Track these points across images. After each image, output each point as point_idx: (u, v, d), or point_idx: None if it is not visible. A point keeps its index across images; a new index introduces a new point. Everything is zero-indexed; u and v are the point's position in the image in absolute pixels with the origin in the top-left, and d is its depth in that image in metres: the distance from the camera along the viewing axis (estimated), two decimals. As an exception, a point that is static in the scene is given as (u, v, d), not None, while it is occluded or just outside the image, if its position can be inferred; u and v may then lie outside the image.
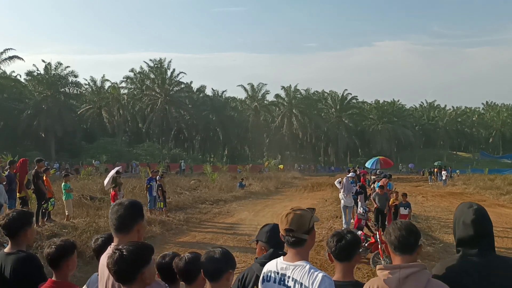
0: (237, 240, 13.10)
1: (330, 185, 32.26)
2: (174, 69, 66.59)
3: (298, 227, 2.33)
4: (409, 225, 2.40)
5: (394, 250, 2.35)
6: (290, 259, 2.37)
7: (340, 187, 14.49)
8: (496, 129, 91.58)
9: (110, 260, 2.10)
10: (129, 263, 2.09)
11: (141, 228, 2.51)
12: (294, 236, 2.34)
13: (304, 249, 2.37)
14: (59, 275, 2.84)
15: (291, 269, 2.32)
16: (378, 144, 72.67)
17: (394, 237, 2.35)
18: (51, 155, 52.48)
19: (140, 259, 2.14)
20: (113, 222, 2.47)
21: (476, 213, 2.46)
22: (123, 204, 2.50)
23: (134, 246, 2.15)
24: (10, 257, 3.04)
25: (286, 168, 55.71)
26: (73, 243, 2.94)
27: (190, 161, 57.99)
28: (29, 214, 3.23)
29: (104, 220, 13.30)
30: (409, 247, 2.32)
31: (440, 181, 35.56)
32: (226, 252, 2.59)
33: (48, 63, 55.94)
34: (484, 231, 2.43)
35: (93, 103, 64.36)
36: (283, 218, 2.40)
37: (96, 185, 22.74)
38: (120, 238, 2.44)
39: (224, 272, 2.50)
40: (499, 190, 25.94)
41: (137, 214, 2.51)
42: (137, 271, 2.12)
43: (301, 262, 2.31)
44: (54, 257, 2.80)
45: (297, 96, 74.49)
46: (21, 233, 3.08)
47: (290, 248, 2.39)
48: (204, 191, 25.20)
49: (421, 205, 21.20)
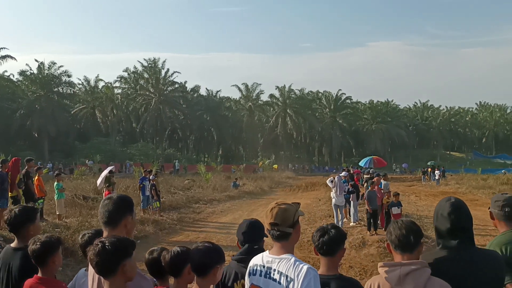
0: (231, 240, 13.08)
1: (324, 185, 32.34)
2: (168, 69, 66.59)
3: (282, 221, 2.36)
4: (409, 224, 2.42)
5: (395, 249, 2.39)
6: (275, 252, 2.39)
7: (332, 186, 14.54)
8: (489, 129, 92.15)
9: (92, 251, 2.11)
10: (110, 254, 2.09)
11: (129, 223, 2.52)
12: (279, 230, 2.36)
13: (289, 243, 2.39)
14: (45, 271, 2.83)
15: (276, 262, 2.34)
16: (372, 144, 72.86)
17: (394, 236, 2.38)
18: (44, 155, 52.27)
19: (121, 251, 2.13)
20: (101, 215, 2.50)
21: (453, 206, 2.49)
22: (112, 198, 2.53)
23: (116, 238, 2.16)
24: (18, 252, 3.06)
25: (280, 168, 55.77)
26: (58, 239, 2.93)
27: (184, 161, 57.91)
28: (33, 210, 3.25)
29: (97, 220, 13.24)
30: (409, 245, 2.34)
31: (433, 181, 35.74)
32: (214, 247, 2.60)
33: (41, 63, 55.76)
34: (461, 224, 2.47)
35: (86, 103, 64.15)
36: (268, 212, 2.43)
37: (89, 184, 22.68)
38: (108, 231, 2.46)
39: (211, 267, 2.52)
40: (491, 190, 26.05)
41: (126, 208, 2.52)
42: (118, 263, 2.11)
43: (286, 255, 2.33)
44: (39, 253, 2.78)
45: (291, 96, 74.54)
46: (25, 229, 3.10)
47: (275, 242, 2.41)
48: (198, 191, 25.21)
49: (414, 205, 21.26)
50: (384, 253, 11.45)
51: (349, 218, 15.46)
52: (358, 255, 11.35)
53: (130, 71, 67.59)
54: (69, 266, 8.81)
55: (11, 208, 3.19)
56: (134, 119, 67.54)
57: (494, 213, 3.00)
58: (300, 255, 10.22)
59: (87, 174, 32.60)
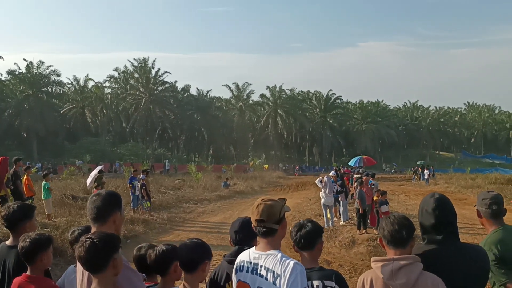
0: (221, 239, 13.10)
1: (314, 184, 32.43)
2: (159, 68, 66.19)
3: (268, 217, 2.36)
4: (401, 219, 2.44)
5: (388, 244, 2.41)
6: (262, 248, 2.41)
7: (321, 186, 14.60)
8: (478, 129, 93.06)
9: (81, 248, 2.10)
10: (100, 250, 2.09)
11: (117, 219, 2.52)
12: (265, 226, 2.37)
13: (275, 239, 2.40)
14: (34, 269, 2.81)
15: (263, 258, 2.35)
16: (362, 144, 73.18)
17: (387, 232, 2.40)
18: (33, 155, 51.83)
19: (111, 246, 2.15)
20: (90, 211, 2.50)
21: (437, 201, 2.53)
22: (101, 194, 2.52)
23: (103, 234, 2.17)
24: (13, 249, 3.04)
25: (271, 168, 55.81)
26: (48, 237, 2.92)
27: (175, 161, 57.71)
28: (31, 207, 3.25)
29: (86, 220, 13.17)
30: (401, 240, 2.36)
31: (422, 180, 35.96)
32: (202, 243, 2.61)
33: (30, 62, 55.29)
34: (445, 219, 2.50)
35: (76, 102, 63.66)
36: (254, 209, 2.43)
37: (78, 184, 22.56)
38: (97, 228, 2.46)
39: (199, 263, 2.53)
40: (480, 189, 26.21)
41: (114, 204, 2.52)
42: (109, 258, 2.13)
43: (272, 251, 2.35)
44: (29, 251, 2.76)
45: (282, 96, 74.62)
46: (21, 226, 3.10)
47: (261, 238, 2.43)
48: (189, 190, 25.17)
49: (403, 204, 21.42)
50: (373, 251, 11.52)
51: (339, 217, 15.52)
52: (348, 253, 11.41)
53: (120, 71, 67.16)
54: (58, 265, 8.75)
55: (9, 204, 3.17)
56: (124, 119, 67.19)
57: (482, 211, 3.03)
58: (290, 254, 10.25)
59: (77, 174, 32.38)
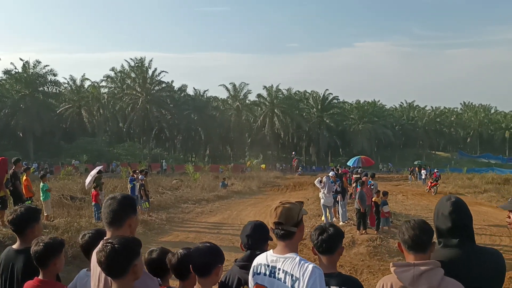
0: (221, 240, 13.11)
1: (312, 184, 32.46)
2: (155, 68, 65.98)
3: (286, 220, 2.37)
4: (421, 224, 2.42)
5: (408, 249, 2.39)
6: (279, 251, 2.40)
7: (320, 186, 14.61)
8: (474, 129, 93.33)
9: (101, 253, 2.09)
10: (121, 256, 2.09)
11: (133, 222, 2.53)
12: (283, 229, 2.37)
13: (293, 242, 2.40)
14: (46, 274, 2.79)
15: (281, 261, 2.35)
16: (359, 143, 73.27)
17: (407, 236, 2.39)
18: (29, 155, 51.62)
19: (132, 251, 2.14)
20: (105, 215, 2.49)
21: (454, 205, 2.53)
22: (116, 198, 2.51)
23: (124, 239, 2.16)
24: (21, 254, 3.03)
25: (268, 167, 55.77)
26: (61, 241, 2.90)
27: (172, 161, 57.58)
28: (37, 210, 3.24)
29: (86, 220, 13.19)
30: (422, 245, 2.35)
31: (419, 180, 36.06)
32: (215, 247, 2.60)
33: (26, 62, 55.04)
34: (461, 222, 2.50)
35: (72, 102, 63.28)
36: (272, 211, 2.43)
37: (76, 185, 22.49)
38: (112, 231, 2.45)
39: (213, 267, 2.52)
40: (477, 189, 26.43)
41: (129, 208, 2.53)
42: (129, 263, 2.12)
43: (291, 254, 2.35)
44: (41, 255, 2.74)
45: (279, 96, 74.55)
46: (29, 229, 3.08)
47: (279, 241, 2.42)
48: (186, 190, 25.12)
49: (401, 204, 21.47)
50: (373, 252, 11.57)
51: (338, 218, 15.54)
52: (348, 254, 11.43)
53: (117, 70, 66.93)
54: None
55: (15, 208, 3.16)
56: (121, 119, 66.92)
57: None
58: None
59: (74, 174, 32.29)
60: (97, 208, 14.02)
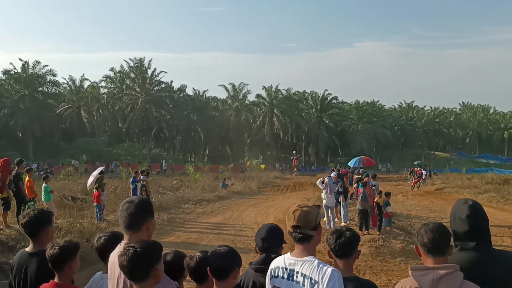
0: (222, 240, 13.12)
1: (311, 184, 32.47)
2: (155, 68, 66.15)
3: (305, 224, 2.39)
4: (440, 227, 2.41)
5: (427, 253, 2.37)
6: (297, 254, 2.42)
7: (322, 187, 14.62)
8: (473, 129, 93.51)
9: (124, 257, 2.11)
10: (143, 260, 2.12)
11: (151, 226, 2.55)
12: (301, 232, 2.39)
13: (311, 245, 2.42)
14: (61, 277, 2.80)
15: (299, 265, 2.36)
16: (358, 144, 73.33)
17: (427, 240, 2.36)
18: (29, 155, 51.54)
19: (154, 255, 2.17)
20: (123, 219, 2.50)
21: (471, 208, 2.53)
22: (133, 202, 2.53)
23: (146, 243, 2.18)
24: (34, 257, 3.03)
25: (268, 168, 55.78)
26: (76, 244, 2.91)
27: (171, 161, 57.61)
28: (50, 213, 3.25)
29: (88, 221, 13.19)
30: (441, 249, 2.34)
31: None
32: (233, 251, 2.62)
33: (25, 62, 55.03)
34: (479, 226, 2.51)
35: (72, 102, 63.34)
36: (290, 214, 2.45)
37: (77, 185, 22.50)
38: (130, 235, 2.46)
39: (231, 270, 2.54)
40: (477, 189, 26.42)
41: (147, 212, 2.54)
42: (151, 268, 2.15)
43: (309, 258, 2.36)
44: (58, 258, 2.75)
45: (278, 96, 74.60)
46: (43, 231, 3.08)
47: (297, 244, 2.44)
48: (187, 191, 25.11)
49: (402, 204, 21.49)
50: (376, 252, 11.57)
51: (340, 218, 15.56)
52: (350, 254, 11.42)
53: (116, 71, 67.01)
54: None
55: (28, 211, 3.17)
56: (120, 119, 66.93)
57: None
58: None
59: (74, 174, 32.31)
60: (99, 209, 14.04)
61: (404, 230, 13.95)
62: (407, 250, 11.80)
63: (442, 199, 24.12)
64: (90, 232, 11.43)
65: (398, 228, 13.97)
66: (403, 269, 10.46)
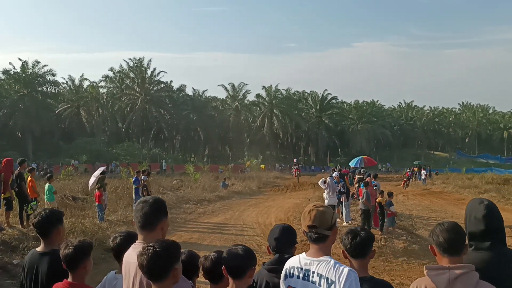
0: (224, 240, 13.12)
1: (312, 184, 32.47)
2: (154, 68, 66.10)
3: (321, 223, 2.39)
4: (455, 227, 2.39)
5: (443, 252, 2.36)
6: (313, 254, 2.42)
7: (324, 187, 14.63)
8: (472, 129, 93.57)
9: (143, 257, 2.12)
10: (163, 259, 2.13)
11: (165, 225, 2.56)
12: (317, 232, 2.39)
13: (326, 245, 2.42)
14: (75, 276, 2.80)
15: (315, 265, 2.36)
16: (358, 143, 73.36)
17: (443, 239, 2.35)
18: (28, 155, 51.40)
19: (173, 255, 2.18)
20: (138, 219, 2.51)
21: (487, 208, 2.54)
22: (148, 201, 2.54)
23: (165, 243, 2.19)
24: (45, 256, 3.03)
25: (267, 168, 55.79)
26: (90, 243, 2.92)
27: (171, 161, 57.60)
28: (60, 212, 3.25)
29: (90, 221, 13.18)
30: (457, 248, 2.33)
31: (419, 180, 36.13)
32: (248, 249, 2.62)
33: (25, 62, 54.98)
34: (495, 225, 2.52)
35: (71, 102, 63.28)
36: (305, 214, 2.45)
37: (77, 185, 22.46)
38: (145, 235, 2.47)
39: (247, 269, 2.54)
40: (477, 189, 26.45)
41: (162, 211, 2.55)
42: (170, 267, 2.16)
43: (325, 257, 2.36)
44: (72, 258, 2.75)
45: (278, 96, 74.60)
46: (54, 231, 3.08)
47: (312, 244, 2.44)
48: (187, 191, 25.10)
49: (402, 204, 21.49)
50: (378, 252, 11.58)
51: (342, 218, 15.56)
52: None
53: (116, 71, 66.97)
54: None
55: (39, 211, 3.17)
56: (120, 119, 66.89)
57: None
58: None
59: (73, 174, 32.28)
60: (101, 209, 14.02)
61: (406, 230, 13.97)
62: (409, 250, 11.82)
63: (443, 199, 24.15)
64: (92, 232, 11.41)
65: (400, 228, 13.99)
66: (406, 269, 10.49)
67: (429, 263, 9.73)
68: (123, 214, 15.49)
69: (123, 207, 16.68)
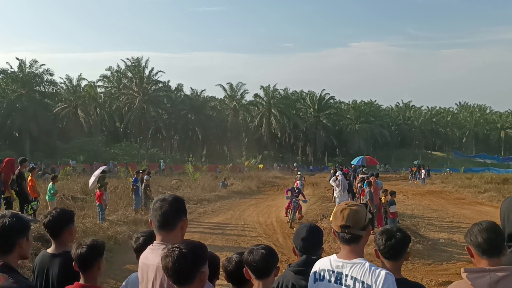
0: (226, 240, 13.04)
1: (311, 184, 32.43)
2: (152, 68, 66.04)
3: (354, 223, 2.27)
4: (494, 226, 2.27)
5: (482, 254, 2.22)
6: (345, 256, 2.29)
7: (336, 184, 14.52)
8: (469, 129, 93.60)
9: (168, 259, 1.99)
10: (189, 262, 1.99)
11: (185, 225, 2.45)
12: (350, 233, 2.27)
13: (359, 246, 2.30)
14: (88, 277, 2.67)
15: (348, 267, 2.24)
16: (356, 143, 73.34)
17: (481, 240, 2.21)
18: (25, 154, 51.07)
19: (200, 258, 2.05)
20: (157, 218, 2.37)
21: None
22: (167, 200, 2.41)
23: (192, 244, 2.06)
24: (56, 258, 2.91)
25: (266, 167, 55.72)
26: (103, 243, 2.80)
27: (169, 161, 57.45)
28: (70, 212, 3.12)
29: (90, 220, 13.06)
30: (498, 249, 2.21)
31: (418, 180, 36.11)
32: (271, 248, 2.53)
33: (22, 61, 54.76)
34: None
35: (69, 102, 62.91)
36: (337, 213, 2.32)
37: (76, 185, 22.31)
38: (164, 235, 2.35)
39: (273, 268, 2.45)
40: (477, 189, 26.40)
41: (181, 210, 2.44)
42: (197, 270, 2.03)
43: (359, 260, 2.24)
44: (86, 258, 2.62)
45: (276, 96, 74.61)
46: (65, 231, 2.96)
47: (344, 245, 2.32)
48: (187, 190, 24.99)
49: (403, 204, 21.44)
50: (382, 252, 11.51)
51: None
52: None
53: (113, 70, 66.84)
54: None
55: (49, 211, 3.06)
56: (118, 119, 66.71)
57: None
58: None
59: (72, 174, 32.10)
60: (101, 209, 13.89)
61: (409, 229, 13.84)
62: (413, 250, 11.70)
63: (443, 199, 24.11)
64: (93, 232, 11.28)
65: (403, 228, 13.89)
66: (410, 269, 10.39)
67: (433, 263, 9.63)
68: (124, 214, 15.39)
69: (123, 207, 16.57)
